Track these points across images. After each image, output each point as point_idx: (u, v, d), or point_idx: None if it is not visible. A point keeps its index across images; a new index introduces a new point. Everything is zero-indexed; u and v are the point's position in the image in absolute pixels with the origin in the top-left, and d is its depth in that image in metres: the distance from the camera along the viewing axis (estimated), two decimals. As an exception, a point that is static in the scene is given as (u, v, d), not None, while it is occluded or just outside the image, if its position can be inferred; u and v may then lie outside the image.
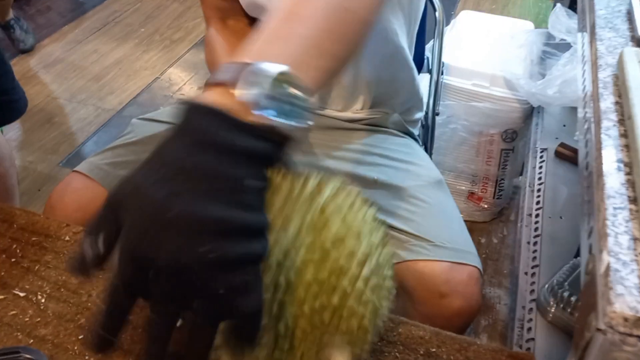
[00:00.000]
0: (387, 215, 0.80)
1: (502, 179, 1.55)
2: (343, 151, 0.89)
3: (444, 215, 0.82)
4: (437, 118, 1.20)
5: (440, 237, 0.77)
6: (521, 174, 1.68)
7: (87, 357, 0.56)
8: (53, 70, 2.43)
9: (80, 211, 0.80)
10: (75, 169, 0.84)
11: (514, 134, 1.45)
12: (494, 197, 1.58)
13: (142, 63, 2.50)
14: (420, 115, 1.02)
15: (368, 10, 0.46)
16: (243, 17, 0.85)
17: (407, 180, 0.84)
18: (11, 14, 2.39)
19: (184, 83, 2.39)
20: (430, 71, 1.19)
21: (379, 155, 0.88)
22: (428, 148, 1.17)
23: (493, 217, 1.64)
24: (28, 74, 2.39)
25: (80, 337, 0.58)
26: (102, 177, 0.82)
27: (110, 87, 2.34)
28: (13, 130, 2.08)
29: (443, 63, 1.22)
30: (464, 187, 1.60)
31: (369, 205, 0.43)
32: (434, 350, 0.58)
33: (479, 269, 0.77)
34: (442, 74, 1.21)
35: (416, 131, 1.00)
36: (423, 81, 1.11)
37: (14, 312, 0.60)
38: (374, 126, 0.91)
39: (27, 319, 0.59)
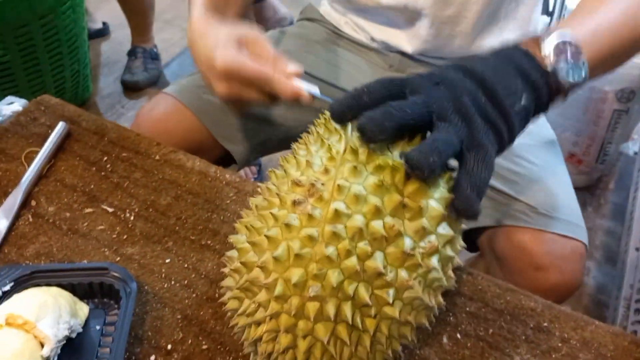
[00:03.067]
0: None
1: (609, 143, 1.41)
2: None
3: (553, 180, 0.73)
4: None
5: (545, 204, 0.68)
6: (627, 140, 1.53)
7: (172, 282, 0.54)
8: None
9: (167, 133, 0.76)
10: (163, 90, 0.81)
11: (631, 94, 1.30)
12: (596, 162, 1.46)
13: (228, -14, 2.43)
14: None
15: None
16: None
17: None
18: None
19: (269, 11, 2.30)
20: (549, 13, 1.06)
21: None
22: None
23: (590, 184, 1.52)
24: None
25: (167, 260, 0.55)
26: (191, 100, 0.78)
27: (196, 10, 2.30)
28: (94, 50, 2.10)
29: (565, 6, 1.08)
30: (563, 147, 1.46)
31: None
32: (545, 325, 0.53)
33: (585, 244, 0.68)
34: (563, 17, 1.08)
35: None
36: (539, 24, 0.98)
37: (101, 227, 0.58)
38: None
39: (114, 236, 0.57)
